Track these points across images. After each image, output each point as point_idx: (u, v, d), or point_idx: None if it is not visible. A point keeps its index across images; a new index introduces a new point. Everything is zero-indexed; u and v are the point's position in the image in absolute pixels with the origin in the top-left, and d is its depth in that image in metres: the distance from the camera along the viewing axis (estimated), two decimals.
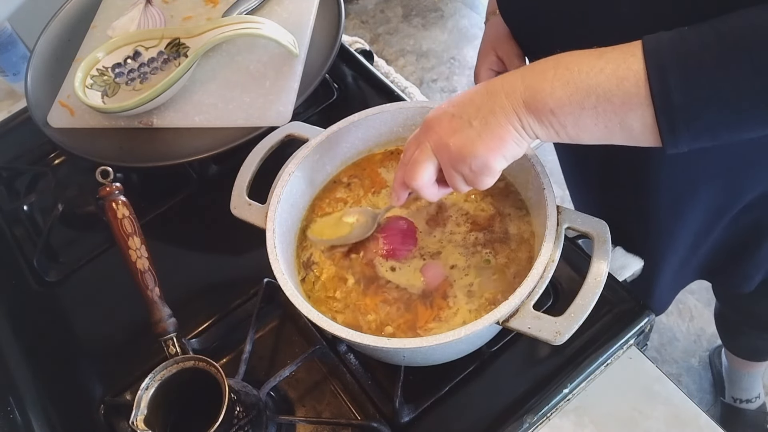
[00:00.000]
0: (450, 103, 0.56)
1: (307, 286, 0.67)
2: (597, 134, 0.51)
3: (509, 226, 0.67)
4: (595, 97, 0.49)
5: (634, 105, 0.48)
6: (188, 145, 0.86)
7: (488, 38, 0.79)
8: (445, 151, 0.55)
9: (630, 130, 0.49)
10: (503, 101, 0.52)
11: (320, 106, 0.96)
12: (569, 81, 0.49)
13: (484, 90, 0.54)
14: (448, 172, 0.57)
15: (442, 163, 0.57)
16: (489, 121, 0.52)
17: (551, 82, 0.50)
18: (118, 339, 0.79)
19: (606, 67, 0.48)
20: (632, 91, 0.47)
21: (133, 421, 0.55)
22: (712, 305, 1.62)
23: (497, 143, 0.53)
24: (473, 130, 0.53)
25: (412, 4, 2.58)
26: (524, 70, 0.53)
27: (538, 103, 0.51)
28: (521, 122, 0.52)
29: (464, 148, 0.54)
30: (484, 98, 0.53)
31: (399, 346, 0.56)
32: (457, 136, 0.54)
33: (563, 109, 0.50)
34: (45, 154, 1.01)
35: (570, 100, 0.49)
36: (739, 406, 1.46)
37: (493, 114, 0.52)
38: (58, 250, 0.90)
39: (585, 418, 0.65)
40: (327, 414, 0.69)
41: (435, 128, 0.56)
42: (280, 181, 0.68)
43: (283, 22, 0.92)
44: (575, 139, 0.52)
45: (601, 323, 0.68)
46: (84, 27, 1.05)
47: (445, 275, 0.65)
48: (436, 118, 0.56)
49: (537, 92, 0.50)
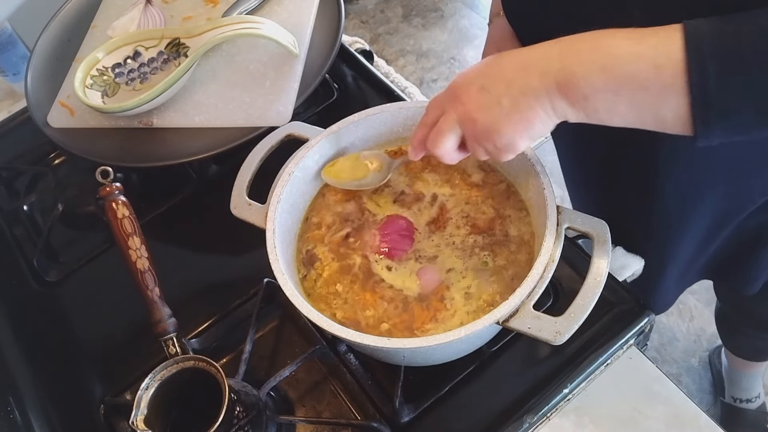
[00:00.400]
0: (479, 72, 0.54)
1: (308, 283, 0.67)
2: (628, 119, 0.50)
3: (509, 227, 0.67)
4: (631, 86, 0.47)
5: (670, 95, 0.46)
6: (188, 145, 0.86)
7: (492, 40, 0.79)
8: (471, 124, 0.55)
9: (663, 118, 0.48)
10: (535, 81, 0.51)
11: (320, 106, 0.96)
12: (606, 66, 0.48)
13: (516, 63, 0.52)
14: (471, 144, 0.57)
15: (466, 135, 0.56)
16: (519, 102, 0.52)
17: (587, 66, 0.49)
18: (118, 339, 0.79)
19: (645, 54, 0.47)
20: (669, 82, 0.46)
21: (133, 421, 0.55)
22: (712, 305, 1.62)
23: (525, 125, 0.53)
24: (502, 109, 0.52)
25: (412, 4, 2.58)
26: (562, 44, 0.51)
27: (572, 87, 0.49)
28: (552, 104, 0.51)
29: (491, 125, 0.53)
30: (515, 73, 0.52)
31: (399, 346, 0.56)
32: (485, 113, 0.53)
33: (598, 96, 0.49)
34: (45, 154, 1.01)
35: (606, 87, 0.48)
36: (739, 406, 1.46)
37: (523, 95, 0.51)
38: (58, 250, 0.90)
39: (585, 418, 0.65)
40: (327, 414, 0.69)
41: (462, 99, 0.55)
42: (280, 181, 0.68)
43: (283, 22, 0.92)
44: (605, 122, 0.51)
45: (601, 323, 0.68)
46: (84, 27, 1.05)
47: (441, 279, 0.65)
48: (463, 87, 0.55)
49: (572, 75, 0.49)
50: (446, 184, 0.72)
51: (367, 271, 0.67)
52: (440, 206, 0.70)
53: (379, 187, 0.73)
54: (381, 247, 0.67)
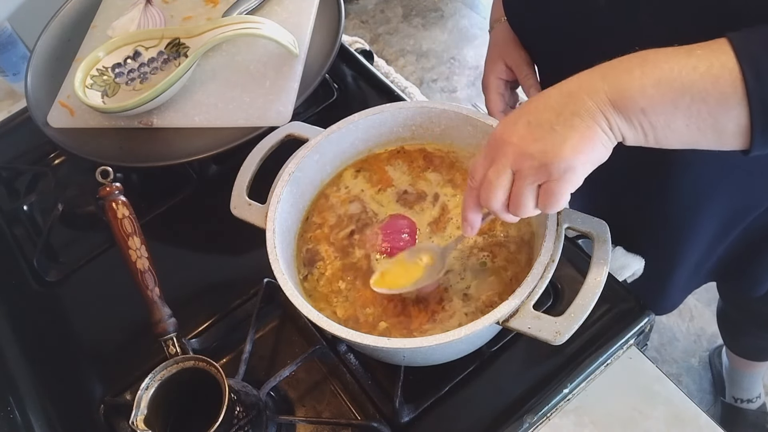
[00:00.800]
0: (522, 112, 0.51)
1: (309, 284, 0.67)
2: (686, 137, 0.48)
3: (510, 228, 0.67)
4: (689, 97, 0.46)
5: (730, 106, 0.45)
6: (188, 145, 0.86)
7: (495, 46, 0.78)
8: (527, 160, 0.50)
9: (722, 131, 0.47)
10: (586, 102, 0.48)
11: (320, 106, 0.96)
12: (660, 79, 0.46)
13: (558, 93, 0.50)
14: (520, 185, 0.51)
15: (521, 175, 0.51)
16: (574, 123, 0.48)
17: (640, 80, 0.47)
18: (118, 339, 0.79)
19: (699, 65, 0.45)
20: (728, 92, 0.45)
21: (133, 421, 0.55)
22: (712, 305, 1.62)
23: (585, 145, 0.49)
24: (558, 135, 0.49)
25: (412, 4, 2.58)
26: (603, 69, 0.49)
27: (627, 102, 0.47)
28: (609, 122, 0.49)
29: (549, 152, 0.49)
30: (562, 101, 0.49)
31: (399, 346, 0.56)
32: (541, 143, 0.49)
33: (655, 108, 0.47)
34: (45, 154, 1.01)
35: (663, 99, 0.46)
36: (740, 406, 1.46)
37: (578, 116, 0.48)
38: (58, 250, 0.90)
39: (585, 418, 0.65)
40: (327, 414, 0.69)
41: (511, 140, 0.51)
42: (280, 181, 0.68)
43: (283, 22, 0.92)
44: (662, 142, 0.49)
45: (601, 323, 0.68)
46: (84, 27, 1.05)
47: (439, 282, 0.65)
48: (509, 131, 0.51)
49: (625, 90, 0.47)
50: (448, 184, 0.72)
51: (368, 269, 0.67)
52: (442, 206, 0.70)
53: (381, 187, 0.73)
54: (382, 246, 0.67)
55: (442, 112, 0.71)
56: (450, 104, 0.70)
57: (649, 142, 0.50)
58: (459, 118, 0.70)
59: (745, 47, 0.45)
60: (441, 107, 0.71)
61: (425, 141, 0.75)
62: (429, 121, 0.72)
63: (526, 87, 0.75)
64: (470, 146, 0.72)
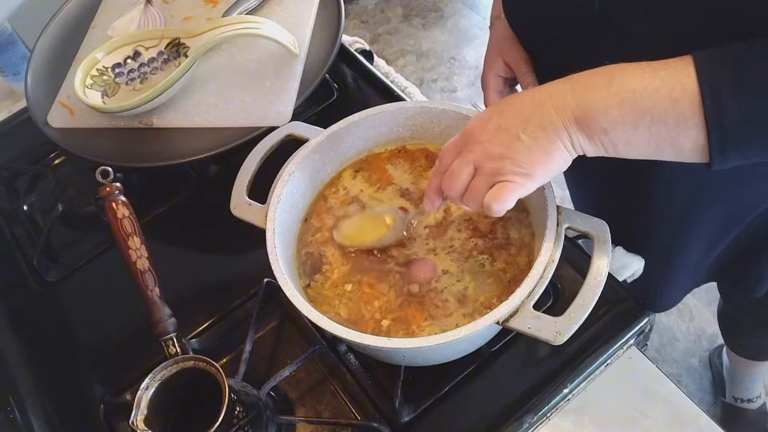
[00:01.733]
0: (493, 112, 0.54)
1: (312, 291, 0.67)
2: (646, 152, 0.51)
3: (510, 230, 0.67)
4: (649, 118, 0.48)
5: (688, 127, 0.47)
6: (188, 145, 0.86)
7: (494, 44, 0.78)
8: (488, 161, 0.54)
9: (680, 149, 0.49)
10: (552, 116, 0.51)
11: (320, 106, 0.96)
12: (624, 100, 0.48)
13: (530, 100, 0.53)
14: (478, 181, 0.55)
15: (481, 172, 0.55)
16: (538, 135, 0.51)
17: (605, 101, 0.49)
18: (118, 339, 0.79)
19: (661, 88, 0.47)
20: (687, 114, 0.47)
21: (133, 421, 0.55)
22: (712, 305, 1.62)
23: (545, 158, 0.52)
24: (522, 144, 0.52)
25: (412, 4, 2.58)
26: (572, 82, 0.51)
27: (590, 122, 0.50)
28: (570, 139, 0.51)
29: (511, 158, 0.52)
30: (531, 109, 0.52)
31: (399, 346, 0.56)
32: (504, 148, 0.53)
33: (617, 129, 0.49)
34: (45, 154, 1.01)
35: (624, 120, 0.48)
36: (740, 406, 1.45)
37: (542, 128, 0.51)
38: (58, 250, 0.90)
39: (585, 418, 0.65)
40: (327, 414, 0.69)
41: (479, 139, 0.54)
42: (280, 181, 0.68)
43: (283, 22, 0.92)
44: (623, 155, 0.52)
45: (601, 323, 0.68)
46: (84, 27, 1.05)
47: (437, 275, 0.65)
48: (479, 128, 0.54)
49: (589, 110, 0.49)
50: None
51: (375, 266, 0.67)
52: (444, 209, 0.70)
53: (380, 186, 0.73)
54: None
55: (442, 112, 0.71)
56: (450, 104, 0.70)
57: (609, 155, 0.52)
58: (459, 118, 0.70)
59: (707, 69, 0.46)
60: (441, 107, 0.71)
61: (426, 141, 0.75)
62: (429, 121, 0.72)
63: (525, 85, 0.76)
64: None
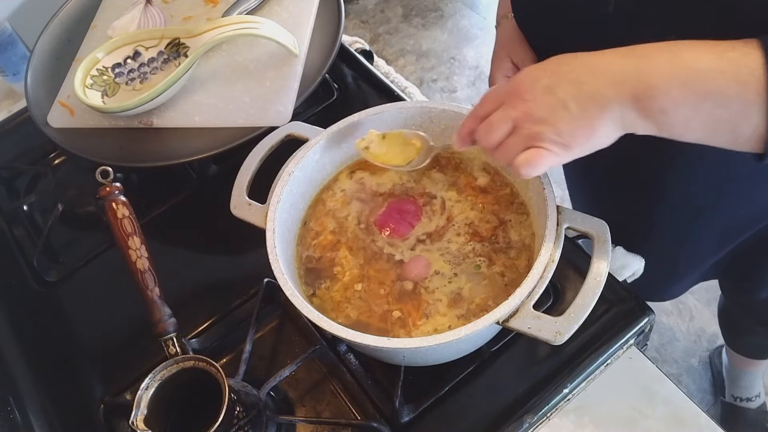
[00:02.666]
0: (545, 71, 0.51)
1: (319, 299, 0.67)
2: (701, 136, 0.49)
3: (510, 232, 0.67)
4: (712, 101, 0.45)
5: (751, 113, 0.45)
6: (188, 145, 0.86)
7: (502, 43, 0.78)
8: (529, 122, 0.51)
9: (738, 135, 0.47)
10: (608, 89, 0.48)
11: (320, 106, 0.96)
12: (687, 81, 0.46)
13: (587, 66, 0.49)
14: (514, 139, 0.52)
15: (519, 131, 0.52)
16: (588, 107, 0.49)
17: (667, 80, 0.46)
18: (118, 339, 0.79)
19: (728, 70, 0.45)
20: (752, 99, 0.44)
21: (133, 421, 0.55)
22: (712, 305, 1.62)
23: (590, 133, 0.50)
24: (568, 114, 0.49)
25: (412, 4, 2.57)
26: (635, 55, 0.48)
27: (649, 100, 0.47)
28: (622, 115, 0.49)
29: (554, 125, 0.50)
30: (586, 77, 0.49)
31: (399, 346, 0.56)
32: (548, 112, 0.50)
33: (677, 110, 0.47)
34: (45, 154, 1.01)
35: (686, 102, 0.46)
36: (740, 405, 1.45)
37: (593, 100, 0.48)
38: (58, 250, 0.90)
39: (585, 418, 0.65)
40: (327, 414, 0.69)
41: (524, 96, 0.51)
42: (280, 181, 0.68)
43: (283, 22, 0.92)
44: (676, 137, 0.50)
45: (601, 323, 0.68)
46: (84, 27, 1.05)
47: (429, 273, 0.65)
48: (527, 84, 0.51)
49: (650, 88, 0.47)
50: (452, 187, 0.72)
51: (384, 253, 0.67)
52: (447, 217, 0.70)
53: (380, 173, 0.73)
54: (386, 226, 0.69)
55: (442, 111, 0.71)
56: (450, 104, 0.70)
57: (660, 134, 0.50)
58: (459, 118, 0.70)
59: None
60: (441, 107, 0.71)
61: None
62: (429, 121, 0.72)
63: None
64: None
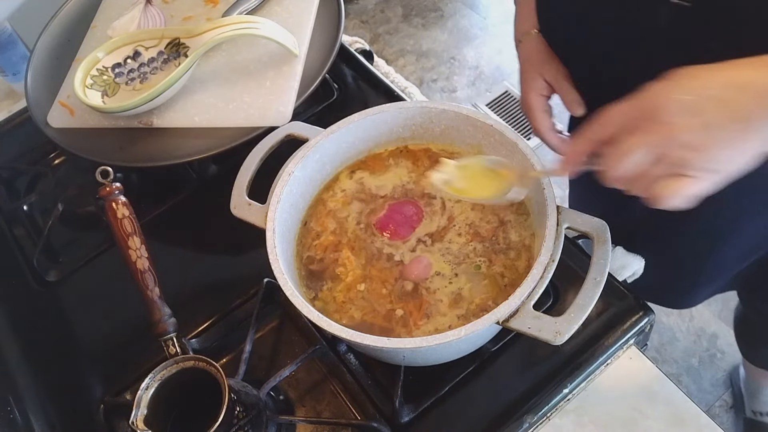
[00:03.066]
0: (680, 88, 0.45)
1: (321, 301, 0.67)
2: None
3: (510, 233, 0.67)
4: None
5: None
6: (188, 145, 0.86)
7: (530, 62, 0.75)
8: (677, 148, 0.45)
9: None
10: (754, 105, 0.43)
11: (320, 106, 0.96)
12: None
13: (727, 80, 0.44)
14: (658, 171, 0.47)
15: (663, 161, 0.46)
16: (733, 131, 0.43)
17: None
18: (118, 339, 0.79)
19: None
20: None
21: (133, 421, 0.55)
22: (712, 305, 1.63)
23: (740, 156, 0.45)
24: (722, 136, 0.44)
25: (412, 4, 2.57)
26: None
27: None
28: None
29: (706, 150, 0.44)
30: (728, 94, 0.44)
31: (399, 346, 0.56)
32: (699, 138, 0.44)
33: None
34: (45, 154, 1.01)
35: None
36: (761, 420, 1.40)
37: (747, 120, 0.43)
38: (58, 250, 0.90)
39: (585, 418, 0.65)
40: (327, 414, 0.69)
41: (664, 119, 0.45)
42: (280, 181, 0.68)
43: (283, 22, 0.92)
44: None
45: (601, 323, 0.68)
46: (84, 27, 1.05)
47: (430, 274, 0.65)
48: (665, 107, 0.45)
49: None
50: None
51: (386, 253, 0.67)
52: (449, 217, 0.70)
53: (380, 173, 0.73)
54: (387, 228, 0.69)
55: (442, 112, 0.71)
56: (450, 104, 0.70)
57: None
58: (459, 118, 0.70)
59: None
60: (441, 107, 0.71)
61: (426, 141, 0.75)
62: (429, 121, 0.72)
63: (568, 102, 0.72)
64: (470, 146, 0.72)
